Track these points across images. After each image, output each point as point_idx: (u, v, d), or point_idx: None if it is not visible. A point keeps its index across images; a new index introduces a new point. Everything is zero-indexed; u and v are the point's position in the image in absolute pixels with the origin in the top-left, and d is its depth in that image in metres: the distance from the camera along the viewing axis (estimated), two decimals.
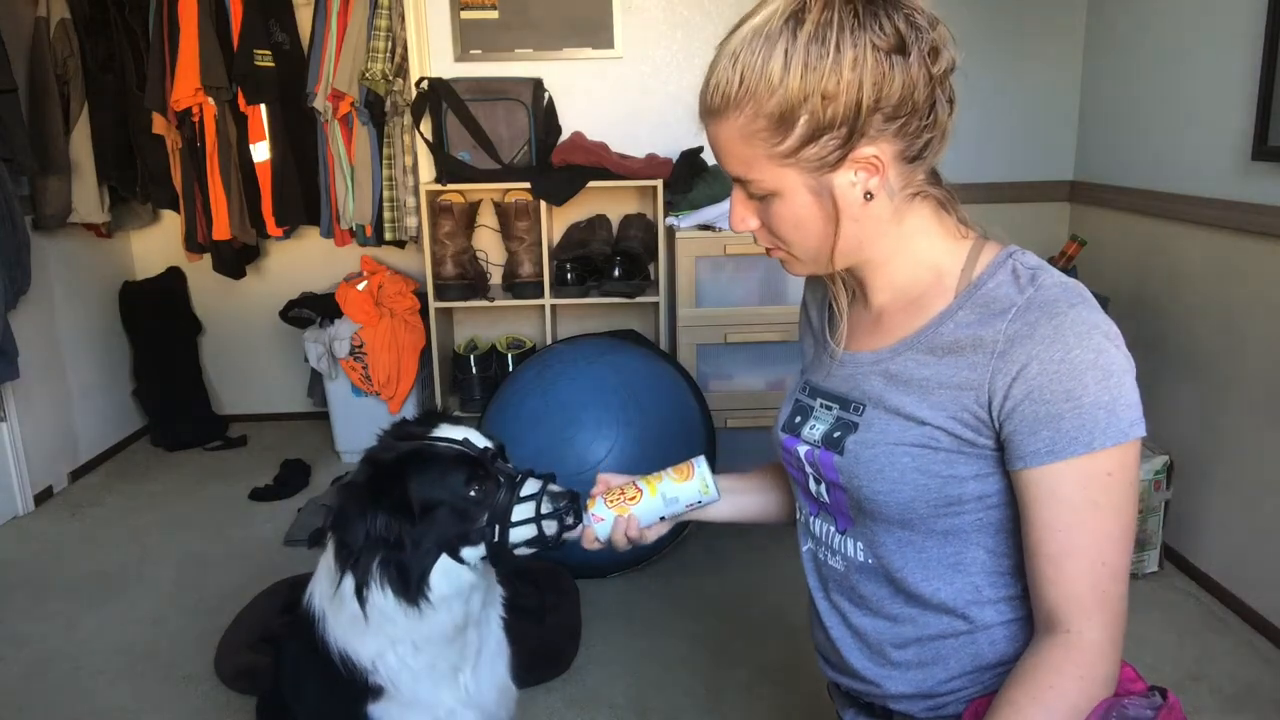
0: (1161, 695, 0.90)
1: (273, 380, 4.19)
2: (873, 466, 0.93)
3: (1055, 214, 3.41)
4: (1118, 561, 0.86)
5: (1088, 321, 0.85)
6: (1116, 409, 0.84)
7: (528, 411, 2.65)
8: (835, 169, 0.86)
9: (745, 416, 3.03)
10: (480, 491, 1.24)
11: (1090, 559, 0.85)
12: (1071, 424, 0.83)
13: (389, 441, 1.30)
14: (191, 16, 3.31)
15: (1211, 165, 2.53)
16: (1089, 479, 0.84)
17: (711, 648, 2.40)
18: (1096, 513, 0.85)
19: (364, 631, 1.28)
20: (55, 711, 2.22)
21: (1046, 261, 0.95)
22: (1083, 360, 0.83)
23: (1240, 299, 2.45)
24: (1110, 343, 0.86)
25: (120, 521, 3.26)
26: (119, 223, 3.80)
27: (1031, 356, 0.84)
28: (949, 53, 0.86)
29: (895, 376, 0.93)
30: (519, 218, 3.28)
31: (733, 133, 0.87)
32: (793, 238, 0.92)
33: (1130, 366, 0.86)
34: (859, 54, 0.81)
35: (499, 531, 1.24)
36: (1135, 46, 2.96)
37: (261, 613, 2.46)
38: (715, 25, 3.35)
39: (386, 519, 1.21)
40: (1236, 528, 2.51)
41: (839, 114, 0.83)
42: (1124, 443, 0.84)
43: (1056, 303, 0.86)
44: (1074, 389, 0.83)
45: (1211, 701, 2.15)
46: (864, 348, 0.99)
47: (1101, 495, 0.84)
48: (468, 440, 1.27)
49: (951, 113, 0.88)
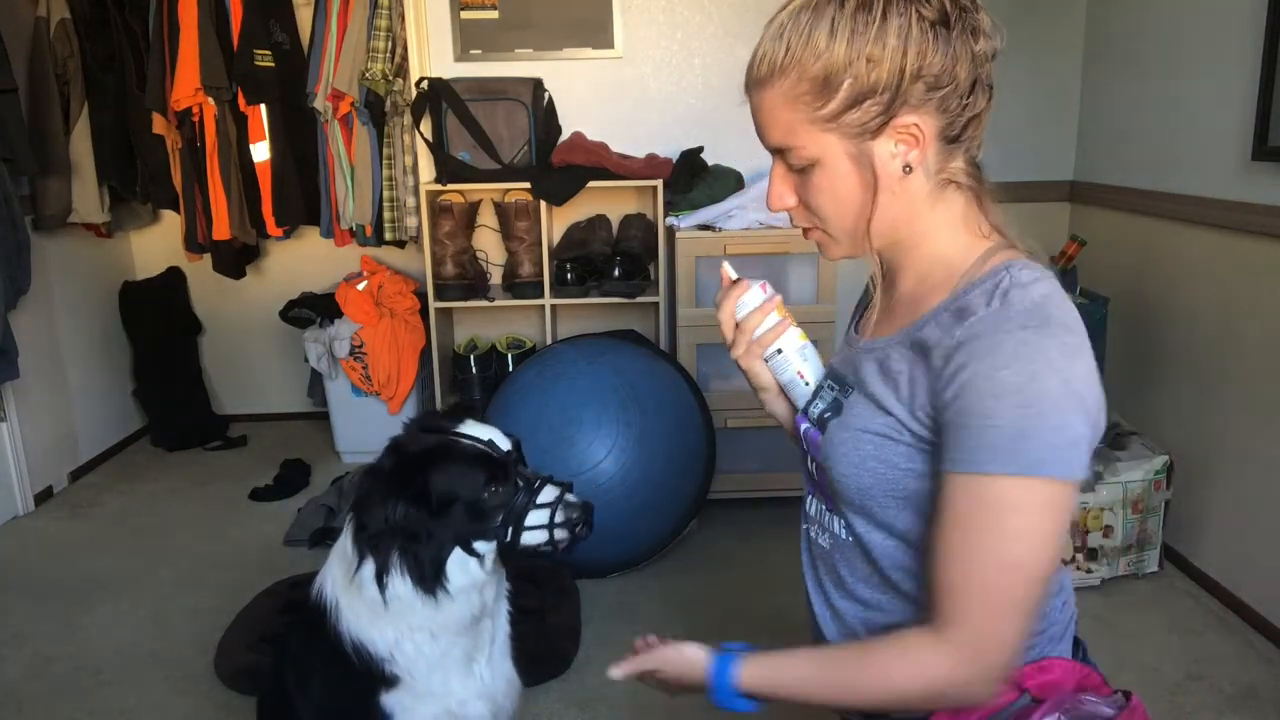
0: (1125, 698, 0.91)
1: (273, 380, 4.19)
2: (840, 449, 0.95)
3: (1055, 214, 3.41)
4: (992, 585, 0.83)
5: (1033, 346, 0.82)
6: (1027, 440, 0.80)
7: (528, 411, 2.65)
8: (876, 136, 0.87)
9: (745, 416, 3.03)
10: (498, 493, 1.29)
11: (962, 574, 0.84)
12: (976, 440, 0.82)
13: (415, 432, 1.34)
14: (191, 16, 3.31)
15: (1211, 165, 2.53)
16: (977, 499, 0.83)
17: (712, 645, 2.39)
18: (982, 536, 0.83)
19: (382, 619, 1.31)
20: (55, 711, 2.22)
21: (1051, 260, 0.94)
22: (1008, 383, 0.81)
23: (1240, 299, 2.45)
24: (1053, 374, 0.81)
25: (120, 521, 3.26)
26: (119, 223, 3.80)
27: (965, 367, 0.84)
28: (991, 37, 0.88)
29: (882, 365, 0.95)
30: (519, 218, 3.28)
31: (776, 98, 0.89)
32: (830, 211, 0.93)
33: (1075, 405, 0.81)
34: (905, 22, 0.84)
35: (512, 533, 1.28)
36: (1135, 46, 2.96)
37: (261, 613, 2.46)
38: (715, 25, 3.35)
39: (406, 508, 1.24)
40: (1236, 528, 2.51)
41: (882, 79, 0.85)
42: (1025, 475, 0.81)
43: (1008, 321, 0.84)
44: (989, 408, 0.81)
45: (1211, 701, 2.15)
46: (872, 334, 1.00)
47: (990, 520, 0.82)
48: (492, 441, 1.31)
49: (990, 98, 0.90)
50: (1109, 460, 2.59)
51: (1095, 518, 2.56)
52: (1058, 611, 0.98)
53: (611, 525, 2.55)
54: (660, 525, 2.71)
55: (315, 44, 3.41)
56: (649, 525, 2.68)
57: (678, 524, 2.79)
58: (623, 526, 2.58)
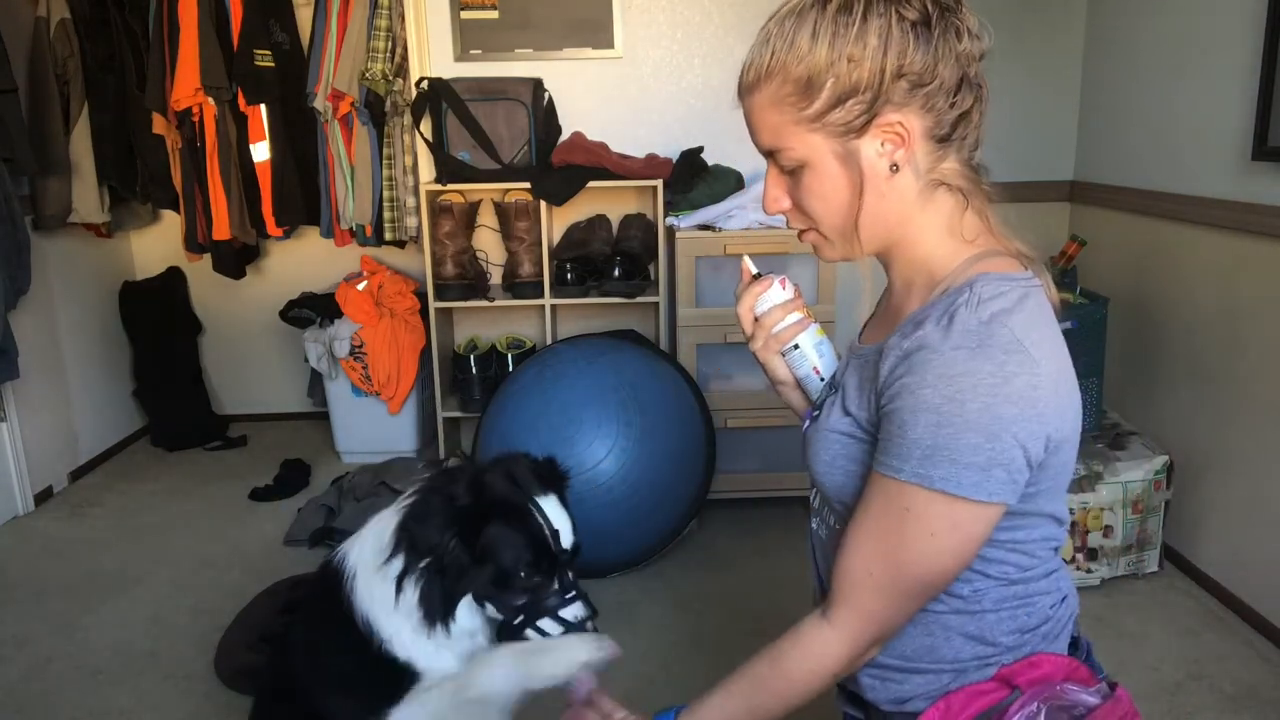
0: (1110, 688, 0.93)
1: (273, 380, 4.19)
2: (815, 449, 1.00)
3: (1055, 214, 3.41)
4: (883, 579, 0.90)
5: (960, 368, 0.84)
6: (935, 456, 0.84)
7: (528, 411, 2.65)
8: (861, 135, 0.89)
9: (745, 416, 3.03)
10: (532, 581, 1.30)
11: (860, 562, 0.91)
12: (895, 447, 0.87)
13: (502, 478, 1.34)
14: (191, 16, 3.31)
15: (1211, 165, 2.53)
16: (888, 500, 0.89)
17: (712, 648, 2.40)
18: (885, 534, 0.89)
19: (390, 610, 1.33)
20: (55, 711, 2.22)
21: (1050, 260, 0.96)
22: (927, 400, 0.85)
23: (1240, 299, 2.45)
24: (975, 396, 0.83)
25: (120, 521, 3.26)
26: (119, 223, 3.80)
27: (901, 378, 0.88)
28: (977, 37, 0.89)
29: (860, 371, 0.97)
30: (519, 218, 3.28)
31: (763, 102, 0.91)
32: (821, 211, 0.94)
33: (996, 429, 0.83)
34: (885, 23, 0.86)
35: (522, 620, 1.30)
36: (1135, 46, 2.96)
37: (261, 613, 2.46)
38: (715, 25, 3.35)
39: (458, 544, 1.27)
40: (1236, 528, 2.51)
41: (864, 79, 0.86)
42: (925, 486, 0.85)
43: (945, 341, 0.86)
44: (908, 421, 0.86)
45: (1211, 701, 2.15)
46: (867, 340, 1.03)
47: (895, 521, 0.89)
48: (559, 534, 1.33)
49: (981, 98, 0.91)
50: (1109, 460, 2.59)
51: (1095, 518, 2.57)
52: (1049, 610, 0.99)
53: (611, 525, 2.56)
54: (660, 525, 2.71)
55: (315, 44, 3.41)
56: (649, 525, 2.68)
57: (678, 524, 2.79)
58: (623, 526, 2.58)
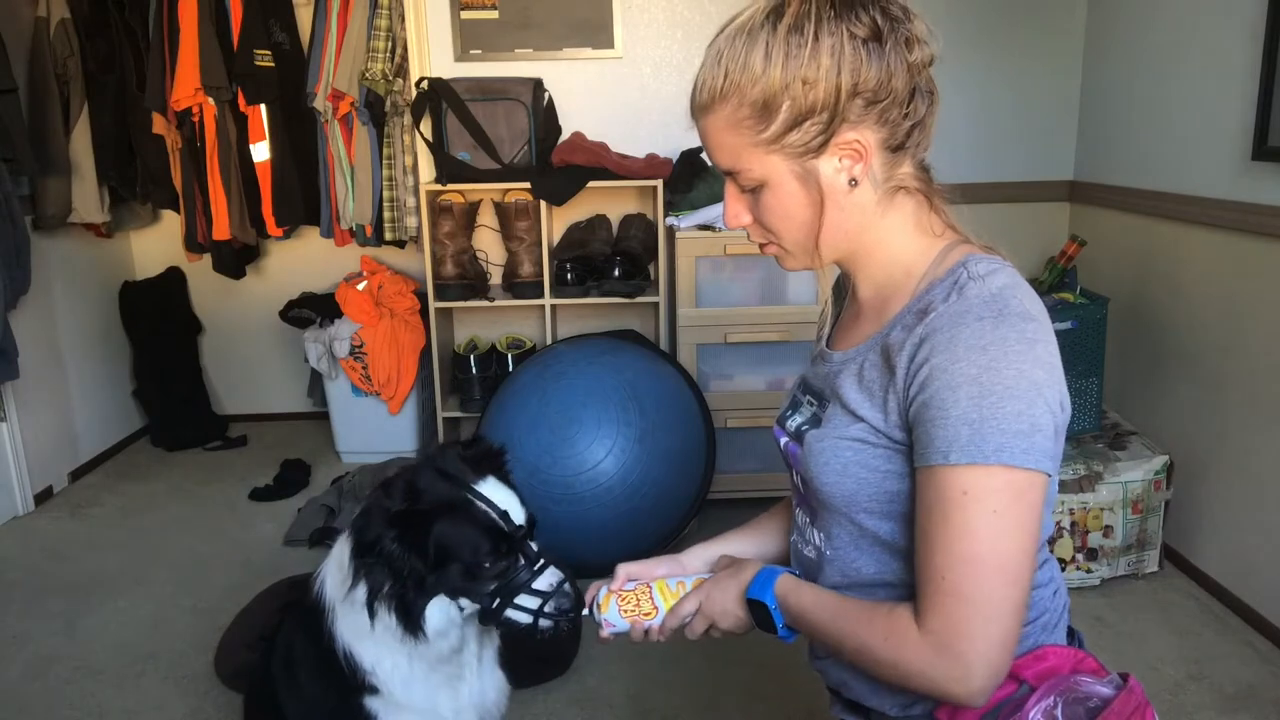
0: (1123, 679, 0.91)
1: (273, 380, 4.19)
2: (821, 458, 0.96)
3: (1055, 214, 3.41)
4: (960, 580, 0.83)
5: (989, 336, 0.83)
6: (984, 428, 0.82)
7: (528, 411, 2.65)
8: (819, 154, 0.89)
9: (745, 416, 3.03)
10: (497, 566, 1.27)
11: (932, 566, 0.85)
12: (938, 433, 0.84)
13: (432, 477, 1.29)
14: (191, 16, 3.31)
15: (1211, 165, 2.53)
16: (942, 492, 0.84)
17: (711, 647, 2.40)
18: (945, 528, 0.84)
19: (367, 636, 1.32)
20: (55, 711, 2.22)
21: (1051, 260, 0.96)
22: (963, 374, 0.83)
23: (1240, 299, 2.45)
24: (1009, 363, 0.82)
25: (120, 521, 3.26)
26: (119, 223, 3.80)
27: (926, 363, 0.86)
28: (926, 44, 0.89)
29: (859, 373, 0.96)
30: (519, 218, 3.28)
31: (720, 124, 0.91)
32: (781, 228, 0.95)
33: (1033, 394, 0.83)
34: (836, 42, 0.85)
35: (499, 604, 1.27)
36: (1135, 46, 2.96)
37: (262, 612, 2.45)
38: (715, 25, 3.29)
39: (404, 551, 1.23)
40: (1236, 528, 2.51)
41: (820, 99, 0.86)
42: (982, 464, 0.82)
43: (965, 314, 0.85)
44: (947, 400, 0.83)
45: (1211, 701, 2.15)
46: (843, 345, 1.02)
47: (954, 512, 0.83)
48: (507, 514, 1.29)
49: (931, 104, 0.91)
50: (1109, 460, 2.59)
51: (1095, 518, 2.56)
52: (1048, 600, 0.99)
53: (611, 525, 2.56)
54: (660, 525, 2.71)
55: (315, 44, 3.41)
56: (649, 525, 2.67)
57: (678, 524, 2.79)
58: (623, 526, 2.58)
